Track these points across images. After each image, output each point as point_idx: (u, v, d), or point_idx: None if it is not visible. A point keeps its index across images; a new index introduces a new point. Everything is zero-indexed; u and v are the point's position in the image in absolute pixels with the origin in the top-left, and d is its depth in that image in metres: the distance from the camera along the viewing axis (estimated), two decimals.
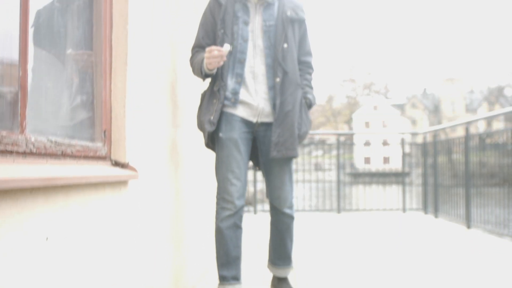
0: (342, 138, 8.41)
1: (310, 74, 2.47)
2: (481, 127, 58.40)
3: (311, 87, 2.46)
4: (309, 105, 2.42)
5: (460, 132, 6.65)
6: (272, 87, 2.30)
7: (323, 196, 8.00)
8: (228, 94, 2.27)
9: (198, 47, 2.37)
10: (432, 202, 6.79)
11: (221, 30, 2.29)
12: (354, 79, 69.70)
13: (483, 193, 5.39)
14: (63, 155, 1.35)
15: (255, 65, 2.30)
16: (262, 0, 2.32)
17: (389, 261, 3.64)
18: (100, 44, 1.73)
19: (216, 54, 2.14)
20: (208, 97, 2.32)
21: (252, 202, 8.11)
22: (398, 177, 7.80)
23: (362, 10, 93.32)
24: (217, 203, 2.32)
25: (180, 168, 2.49)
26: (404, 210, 7.32)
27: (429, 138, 7.13)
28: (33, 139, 1.19)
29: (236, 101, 2.28)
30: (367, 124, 59.91)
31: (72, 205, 1.28)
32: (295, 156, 2.31)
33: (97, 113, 1.69)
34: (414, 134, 8.87)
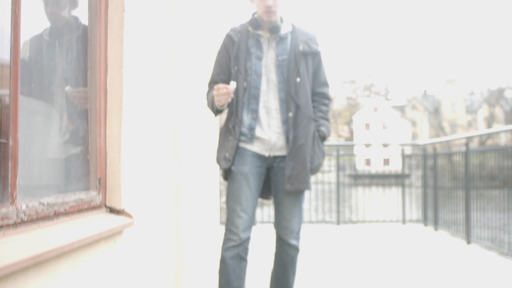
0: (341, 151, 8.35)
1: (326, 105, 2.49)
2: (481, 129, 58.44)
3: (326, 119, 2.47)
4: (323, 138, 2.43)
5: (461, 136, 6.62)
6: (285, 121, 2.33)
7: (322, 199, 7.98)
8: (245, 130, 2.31)
9: (214, 83, 2.40)
10: (432, 212, 6.76)
11: (235, 67, 2.32)
12: (354, 81, 69.64)
13: (483, 209, 5.37)
14: (56, 215, 1.33)
15: (269, 100, 2.33)
16: (275, 34, 2.35)
17: (387, 279, 3.62)
18: (94, 89, 1.71)
19: (223, 92, 2.17)
20: (224, 133, 2.37)
21: None
22: (397, 179, 7.76)
23: (363, 11, 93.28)
24: (225, 233, 2.35)
25: (179, 210, 2.47)
26: (404, 221, 7.29)
27: (429, 150, 7.10)
28: (24, 207, 1.17)
29: (252, 137, 2.31)
30: (367, 126, 59.82)
31: (64, 271, 1.26)
32: (308, 189, 2.33)
33: (92, 161, 1.67)
34: (414, 145, 8.86)
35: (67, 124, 1.63)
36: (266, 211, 7.59)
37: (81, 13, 1.74)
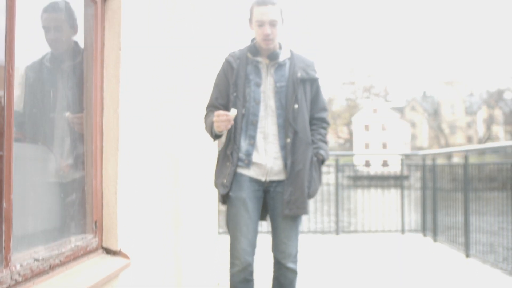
0: (341, 161, 8.34)
1: (324, 128, 2.52)
2: (480, 131, 58.46)
3: (324, 142, 2.49)
4: (322, 161, 2.47)
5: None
6: (283, 147, 2.35)
7: (321, 201, 7.98)
8: (242, 155, 2.33)
9: (212, 107, 2.43)
10: (431, 221, 6.75)
11: (233, 93, 2.34)
12: (354, 82, 69.62)
13: (482, 221, 5.36)
14: (51, 268, 1.33)
15: (266, 126, 2.35)
16: (273, 61, 2.37)
17: None
18: (90, 130, 1.70)
19: (223, 119, 2.18)
20: (222, 159, 2.38)
21: None
22: (397, 180, 7.77)
23: (363, 12, 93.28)
24: (230, 258, 2.39)
25: (178, 239, 2.46)
26: (403, 231, 7.29)
27: (428, 161, 7.09)
28: (18, 267, 1.16)
29: (249, 163, 2.33)
30: (366, 127, 59.84)
31: None
32: (306, 214, 2.36)
33: (88, 204, 1.66)
34: (414, 155, 8.86)
35: (64, 168, 1.62)
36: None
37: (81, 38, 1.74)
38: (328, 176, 10.14)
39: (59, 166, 1.61)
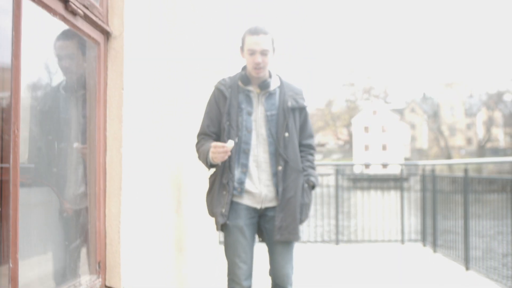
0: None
1: (312, 154, 2.57)
2: (480, 133, 58.47)
3: (313, 168, 2.54)
4: (313, 187, 2.51)
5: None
6: (275, 174, 2.40)
7: (321, 203, 8.00)
8: (235, 184, 2.37)
9: (204, 135, 2.46)
10: (431, 231, 6.77)
11: (227, 122, 2.38)
12: (353, 83, 69.62)
13: (482, 234, 5.38)
14: None
15: (259, 154, 2.40)
16: (264, 90, 2.42)
17: None
18: (94, 170, 1.72)
19: (221, 151, 2.23)
20: (218, 188, 2.40)
21: None
22: (396, 182, 7.81)
23: (362, 14, 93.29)
24: (228, 283, 2.45)
25: (181, 274, 2.48)
26: (402, 241, 7.30)
27: (427, 171, 7.11)
28: None
29: (242, 191, 2.38)
30: (366, 129, 59.86)
31: None
32: (297, 240, 2.43)
33: (92, 244, 1.68)
34: (414, 166, 8.88)
35: (67, 209, 1.64)
36: None
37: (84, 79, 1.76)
38: (328, 178, 10.14)
39: (63, 208, 1.62)
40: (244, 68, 2.47)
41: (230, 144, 2.23)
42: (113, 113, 1.76)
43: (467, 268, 5.43)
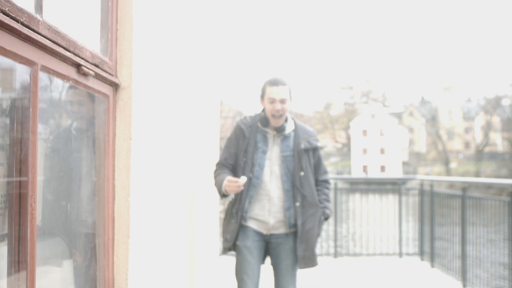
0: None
1: (328, 188, 2.86)
2: (478, 137, 58.60)
3: (328, 201, 2.83)
4: (326, 218, 2.81)
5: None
6: (287, 208, 2.68)
7: None
8: (244, 213, 2.67)
9: (221, 165, 2.78)
10: (428, 244, 6.83)
11: (243, 159, 2.68)
12: (352, 87, 69.76)
13: (479, 252, 5.44)
14: None
15: (271, 189, 2.68)
16: (280, 133, 2.72)
17: None
18: (103, 219, 1.78)
19: (234, 185, 2.52)
20: (229, 216, 2.73)
21: None
22: (394, 185, 7.87)
23: (361, 17, 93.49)
24: None
25: None
26: (400, 255, 7.36)
27: (426, 186, 7.17)
28: None
29: (248, 218, 2.69)
30: (364, 132, 59.95)
31: None
32: (315, 266, 2.71)
33: None
34: (411, 179, 8.95)
35: (76, 258, 1.70)
36: None
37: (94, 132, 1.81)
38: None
39: (73, 257, 1.68)
40: (264, 110, 2.76)
41: (243, 180, 2.51)
42: (121, 163, 1.82)
43: (464, 285, 5.49)
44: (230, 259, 6.70)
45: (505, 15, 77.66)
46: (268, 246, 2.76)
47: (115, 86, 1.83)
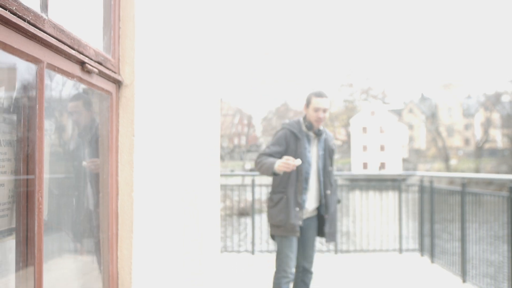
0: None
1: (336, 180, 3.56)
2: (478, 134, 58.62)
3: (336, 189, 3.74)
4: (339, 202, 3.71)
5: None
6: (323, 196, 3.50)
7: None
8: (301, 202, 3.41)
9: (268, 155, 3.40)
10: (429, 240, 6.86)
11: (297, 158, 3.33)
12: (352, 84, 69.74)
13: (479, 249, 5.47)
14: None
15: (312, 182, 3.48)
16: (318, 136, 3.52)
17: None
18: (107, 215, 1.80)
19: (289, 163, 3.13)
20: (293, 205, 3.38)
21: (250, 212, 8.26)
22: (394, 182, 7.93)
23: (361, 14, 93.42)
24: (279, 272, 3.42)
25: None
26: (400, 251, 7.40)
27: (425, 182, 7.20)
28: None
29: (303, 207, 3.45)
30: (364, 130, 59.99)
31: None
32: (335, 241, 3.84)
33: (105, 286, 1.76)
34: (411, 176, 8.97)
35: (81, 252, 1.73)
36: (264, 231, 7.70)
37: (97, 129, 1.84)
38: None
39: (78, 252, 1.71)
40: (305, 117, 3.49)
41: (298, 162, 3.14)
42: (124, 159, 1.84)
43: (464, 281, 5.53)
44: (230, 258, 6.75)
45: (505, 11, 77.60)
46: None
47: (118, 83, 1.85)
